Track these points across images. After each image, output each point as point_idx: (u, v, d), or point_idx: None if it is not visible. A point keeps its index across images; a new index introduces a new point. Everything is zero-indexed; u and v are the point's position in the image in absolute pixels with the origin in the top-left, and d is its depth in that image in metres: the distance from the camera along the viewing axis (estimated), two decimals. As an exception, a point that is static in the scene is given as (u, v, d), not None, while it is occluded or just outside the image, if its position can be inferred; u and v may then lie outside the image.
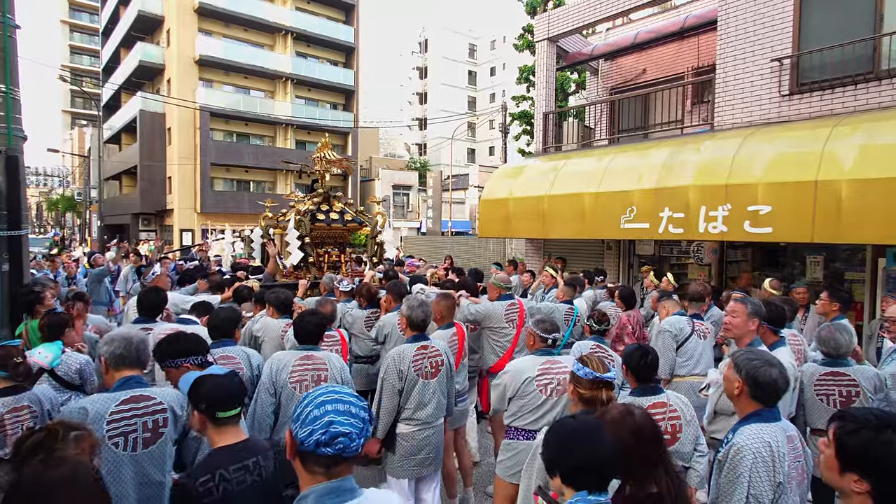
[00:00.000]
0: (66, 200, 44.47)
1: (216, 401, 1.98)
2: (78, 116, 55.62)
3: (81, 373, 3.39)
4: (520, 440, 3.08)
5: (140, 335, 2.56)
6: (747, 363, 2.18)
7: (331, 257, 7.03)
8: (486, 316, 4.75)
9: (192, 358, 2.63)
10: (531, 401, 3.04)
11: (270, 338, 4.11)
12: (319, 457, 1.32)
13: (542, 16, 10.99)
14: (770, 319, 3.32)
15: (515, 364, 3.20)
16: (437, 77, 50.44)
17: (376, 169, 34.46)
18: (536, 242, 11.10)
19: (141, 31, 29.81)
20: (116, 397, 2.35)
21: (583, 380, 2.34)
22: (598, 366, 2.35)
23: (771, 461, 2.05)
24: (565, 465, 1.56)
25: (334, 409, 1.33)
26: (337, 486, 1.34)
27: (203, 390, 2.00)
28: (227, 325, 3.37)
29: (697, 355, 4.45)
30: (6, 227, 4.01)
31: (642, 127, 10.40)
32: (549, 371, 3.09)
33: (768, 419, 2.15)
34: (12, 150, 4.08)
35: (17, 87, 4.16)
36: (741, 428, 2.15)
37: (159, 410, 2.39)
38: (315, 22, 31.25)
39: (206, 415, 1.98)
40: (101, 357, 2.47)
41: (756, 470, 2.03)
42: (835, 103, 6.75)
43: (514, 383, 3.08)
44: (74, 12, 54.71)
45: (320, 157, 7.03)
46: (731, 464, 2.08)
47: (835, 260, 7.38)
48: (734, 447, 2.09)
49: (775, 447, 2.07)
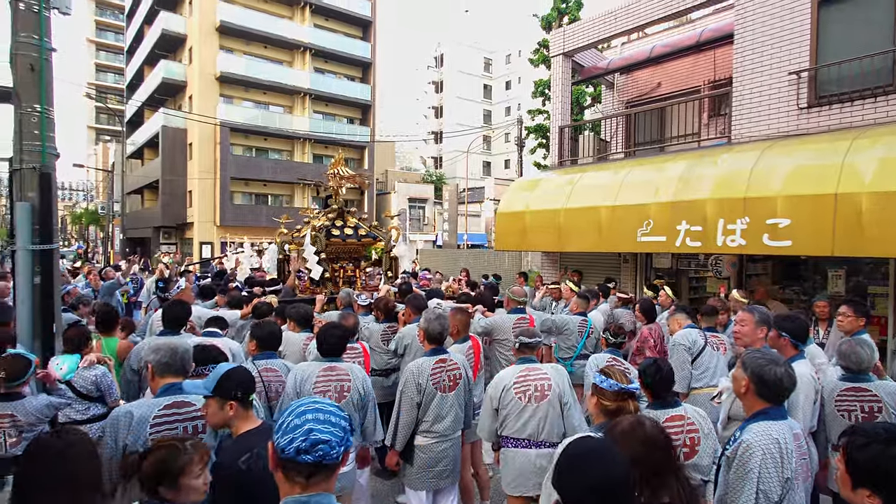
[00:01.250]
0: (89, 214, 45.49)
1: (247, 385, 2.19)
2: (102, 132, 57.09)
3: (98, 385, 3.49)
4: (509, 448, 3.21)
5: (185, 345, 2.70)
6: (753, 361, 2.24)
7: (346, 272, 7.10)
8: (493, 328, 4.80)
9: (211, 366, 2.75)
10: (513, 408, 3.17)
11: (292, 351, 4.20)
12: (300, 464, 1.33)
13: (558, 31, 11.09)
14: (792, 333, 3.30)
15: (498, 375, 3.34)
16: (453, 91, 50.83)
17: (392, 182, 34.73)
18: (553, 256, 11.09)
19: (164, 49, 30.64)
20: (160, 402, 2.46)
21: (606, 392, 2.36)
22: (620, 377, 2.37)
23: (780, 457, 2.09)
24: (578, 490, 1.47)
25: (314, 418, 1.35)
26: (308, 499, 1.35)
27: (236, 378, 2.18)
28: (271, 339, 3.54)
29: (713, 367, 4.41)
30: (38, 241, 4.14)
31: (659, 140, 10.40)
32: (527, 378, 3.21)
33: (775, 417, 2.20)
34: (46, 167, 4.22)
35: (51, 108, 4.32)
36: (749, 425, 2.20)
37: (198, 417, 2.49)
38: (332, 38, 31.86)
39: (240, 401, 2.15)
40: (148, 364, 2.59)
41: (765, 466, 2.07)
42: (854, 116, 6.70)
43: (496, 394, 3.22)
44: (101, 31, 56.40)
45: (334, 174, 7.14)
46: (741, 460, 2.12)
47: (857, 273, 7.27)
48: (743, 444, 2.13)
49: (783, 444, 2.11)
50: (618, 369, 2.44)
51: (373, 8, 33.60)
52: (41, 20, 4.21)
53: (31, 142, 4.22)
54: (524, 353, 3.38)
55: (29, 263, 4.10)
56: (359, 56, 33.00)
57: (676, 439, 2.53)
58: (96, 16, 55.96)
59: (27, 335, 4.09)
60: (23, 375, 2.92)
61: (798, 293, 7.98)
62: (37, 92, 4.25)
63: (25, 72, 4.21)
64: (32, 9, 4.17)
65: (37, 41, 4.20)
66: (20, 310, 4.06)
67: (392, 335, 4.80)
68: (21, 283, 4.10)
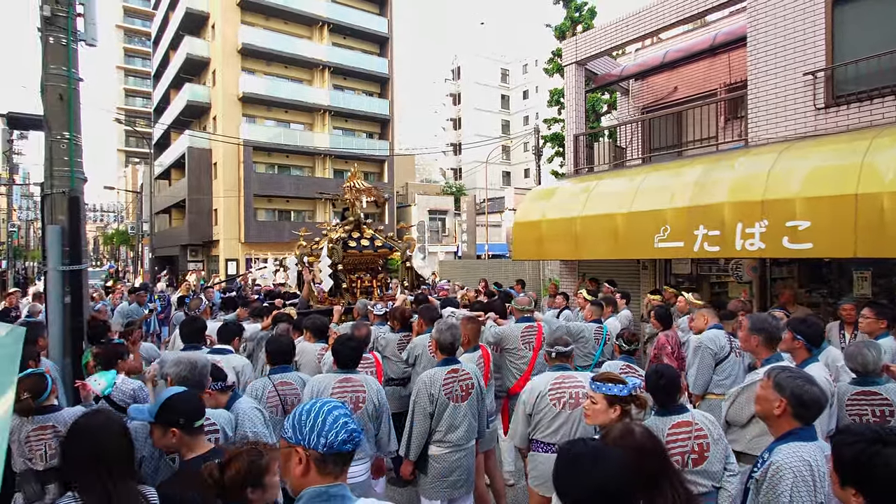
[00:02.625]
0: (120, 234, 46.91)
1: (192, 412, 2.20)
2: (131, 155, 58.92)
3: (136, 397, 3.63)
4: (539, 452, 3.25)
5: (203, 360, 2.78)
6: (790, 382, 2.13)
7: (363, 283, 7.21)
8: (503, 337, 4.83)
9: (213, 384, 2.87)
10: (546, 414, 3.21)
11: (307, 360, 4.30)
12: (340, 455, 1.46)
13: (570, 40, 11.14)
14: (807, 336, 3.25)
15: (532, 382, 3.37)
16: (471, 102, 51.16)
17: (412, 195, 35.01)
18: (571, 264, 11.05)
19: (189, 72, 31.60)
20: None
21: (625, 398, 2.39)
22: (617, 378, 2.42)
23: (812, 480, 2.00)
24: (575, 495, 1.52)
25: (342, 413, 1.50)
26: (326, 490, 1.45)
27: (179, 406, 2.20)
28: (283, 353, 3.63)
29: (735, 375, 4.36)
30: (68, 262, 4.33)
31: (676, 145, 10.32)
32: (562, 385, 3.25)
33: (805, 438, 2.10)
34: (74, 191, 4.44)
35: (79, 134, 4.54)
36: (779, 447, 2.10)
37: (212, 431, 2.58)
38: (350, 56, 32.44)
39: (183, 428, 2.17)
40: (168, 377, 2.70)
41: (797, 489, 1.98)
42: (873, 115, 6.58)
43: (530, 400, 3.25)
44: (129, 58, 58.49)
45: (350, 186, 7.28)
46: (771, 483, 2.03)
47: (885, 275, 7.09)
48: (773, 465, 2.04)
49: (815, 466, 2.02)
50: (615, 375, 2.47)
51: (389, 24, 34.13)
52: (69, 52, 4.45)
53: (61, 167, 4.45)
54: (560, 360, 3.42)
55: (59, 283, 4.29)
56: (376, 72, 33.52)
57: (683, 446, 2.52)
58: (125, 43, 58.10)
59: (58, 353, 4.27)
60: (45, 390, 3.03)
61: (825, 296, 7.80)
62: (66, 120, 4.48)
63: (55, 101, 4.45)
64: (61, 42, 4.41)
65: (65, 72, 4.44)
66: (51, 328, 4.25)
67: (408, 343, 4.86)
68: (52, 303, 4.29)
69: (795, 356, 3.21)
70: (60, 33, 4.37)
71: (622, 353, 3.98)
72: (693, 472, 2.51)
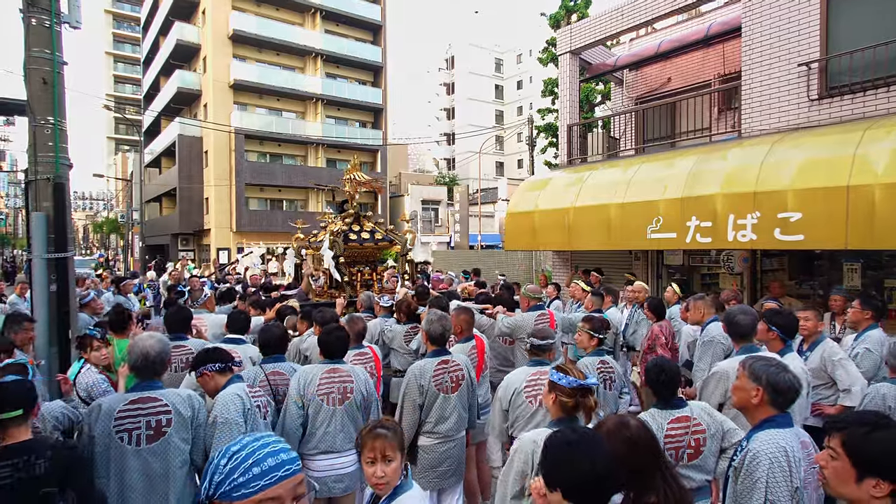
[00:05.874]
0: (110, 223, 46.42)
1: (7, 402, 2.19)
2: (121, 142, 58.26)
3: (90, 393, 3.54)
4: None
5: (159, 348, 2.72)
6: (765, 370, 2.17)
7: (363, 275, 7.16)
8: (516, 328, 4.79)
9: (209, 366, 2.91)
10: (523, 411, 3.09)
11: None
12: None
13: (565, 29, 11.06)
14: (782, 328, 3.34)
15: (507, 377, 3.26)
16: (464, 92, 50.86)
17: (405, 185, 34.85)
18: (564, 255, 11.05)
19: (179, 59, 31.16)
20: (126, 397, 2.61)
21: (565, 388, 2.37)
22: (578, 374, 2.39)
23: (787, 466, 2.05)
24: (566, 480, 1.54)
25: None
26: None
27: None
28: (275, 343, 3.62)
29: (733, 371, 4.36)
30: (53, 249, 4.26)
31: (669, 136, 10.30)
32: (538, 382, 3.10)
33: (782, 424, 2.15)
34: (59, 177, 4.35)
35: (63, 119, 4.45)
36: (756, 434, 2.15)
37: (163, 412, 2.60)
38: (344, 44, 32.11)
39: None
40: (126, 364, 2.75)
41: (773, 475, 2.03)
42: (867, 106, 6.58)
43: (506, 396, 3.15)
44: (118, 43, 57.55)
45: (350, 179, 7.21)
46: (748, 470, 2.08)
47: (875, 268, 7.13)
48: (750, 453, 2.09)
49: (791, 452, 2.07)
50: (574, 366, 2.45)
51: (382, 12, 33.79)
52: (53, 35, 4.34)
53: (46, 153, 4.35)
54: (536, 354, 3.31)
55: (45, 272, 4.22)
56: (369, 60, 33.22)
57: (680, 441, 2.51)
58: (113, 28, 57.15)
59: (44, 342, 4.21)
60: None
61: (814, 288, 7.84)
62: (50, 104, 4.37)
63: (38, 85, 4.34)
64: (44, 24, 4.30)
65: (49, 55, 4.33)
66: (37, 317, 4.18)
67: (414, 336, 4.84)
68: (37, 291, 4.22)
69: (771, 347, 3.25)
70: (43, 15, 4.27)
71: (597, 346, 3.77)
72: (688, 466, 2.52)
